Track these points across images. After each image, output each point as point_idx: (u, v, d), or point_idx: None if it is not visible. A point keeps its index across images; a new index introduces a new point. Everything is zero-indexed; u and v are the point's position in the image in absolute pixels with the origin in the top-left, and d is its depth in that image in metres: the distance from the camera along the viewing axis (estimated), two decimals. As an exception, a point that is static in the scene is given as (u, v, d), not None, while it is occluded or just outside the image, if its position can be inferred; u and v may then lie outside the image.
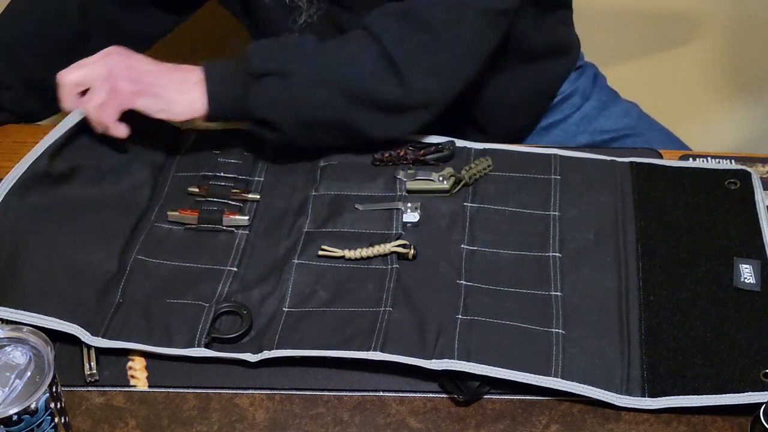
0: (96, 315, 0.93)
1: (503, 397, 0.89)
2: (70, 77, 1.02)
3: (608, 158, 1.10)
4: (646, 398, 0.87)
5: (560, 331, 0.91)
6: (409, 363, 0.88)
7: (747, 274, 0.96)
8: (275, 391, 0.89)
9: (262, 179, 1.09)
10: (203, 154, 1.11)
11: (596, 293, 0.95)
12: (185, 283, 0.97)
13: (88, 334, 0.91)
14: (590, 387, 0.87)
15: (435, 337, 0.90)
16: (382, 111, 1.04)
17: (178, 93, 1.02)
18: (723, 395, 0.86)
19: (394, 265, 0.98)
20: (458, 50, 1.05)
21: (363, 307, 0.94)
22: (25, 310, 0.91)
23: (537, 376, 0.87)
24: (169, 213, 1.04)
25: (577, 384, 0.87)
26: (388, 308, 0.93)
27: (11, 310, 0.91)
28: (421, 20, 1.03)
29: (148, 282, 0.97)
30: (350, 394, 0.89)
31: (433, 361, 0.88)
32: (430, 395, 0.89)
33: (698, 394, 0.86)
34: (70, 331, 0.90)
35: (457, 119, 1.15)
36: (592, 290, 0.95)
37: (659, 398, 0.87)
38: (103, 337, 0.91)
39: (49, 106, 1.17)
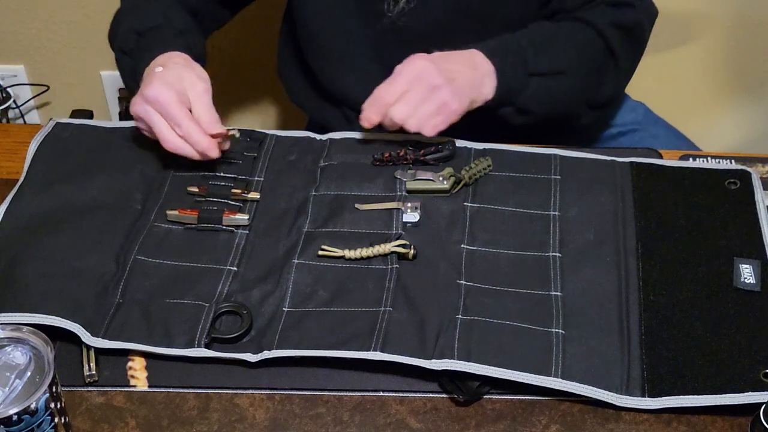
0: (96, 315, 0.92)
1: (503, 397, 0.89)
2: (400, 113, 1.05)
3: (608, 158, 1.10)
4: (646, 398, 0.87)
5: (560, 331, 0.91)
6: (409, 363, 0.88)
7: (747, 274, 0.96)
8: (275, 391, 0.89)
9: (262, 179, 1.09)
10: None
11: (596, 293, 0.95)
12: (185, 282, 0.97)
13: (88, 334, 0.91)
14: (590, 387, 0.87)
15: (435, 337, 0.90)
16: (595, 108, 1.19)
17: (479, 90, 1.10)
18: (723, 395, 0.86)
19: (394, 265, 0.97)
20: (644, 48, 1.21)
21: (363, 307, 0.94)
22: (26, 312, 0.91)
23: (537, 376, 0.87)
24: (168, 212, 1.04)
25: (577, 384, 0.87)
26: (388, 308, 0.93)
27: (12, 314, 0.91)
28: (631, 26, 1.16)
29: (147, 282, 0.97)
30: (350, 394, 0.89)
31: (433, 361, 0.88)
32: (430, 395, 0.89)
33: (698, 394, 0.86)
34: (71, 329, 0.90)
35: (527, 128, 1.20)
36: (592, 290, 0.95)
37: (659, 398, 0.87)
38: (103, 337, 0.91)
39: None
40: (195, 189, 1.07)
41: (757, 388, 0.86)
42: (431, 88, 1.04)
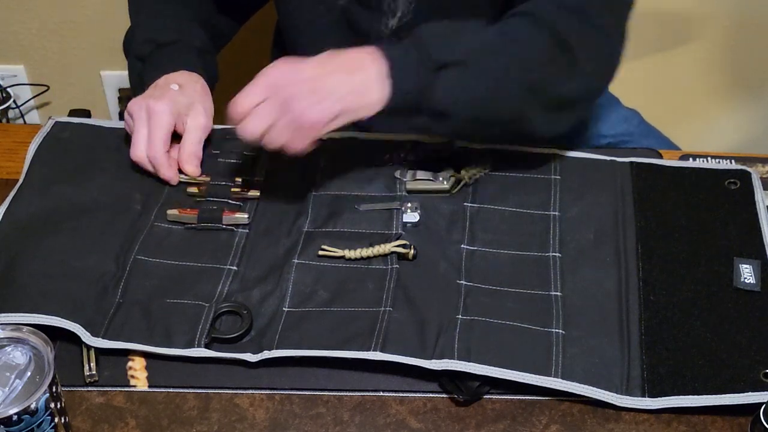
0: (96, 315, 0.92)
1: (503, 397, 0.89)
2: (251, 128, 0.94)
3: (608, 158, 1.10)
4: (646, 398, 0.87)
5: (560, 331, 0.91)
6: (409, 363, 0.88)
7: (747, 274, 0.96)
8: (275, 391, 0.89)
9: (262, 179, 1.09)
10: (203, 154, 1.11)
11: (596, 293, 0.95)
12: (185, 282, 0.97)
13: (89, 334, 0.91)
14: (590, 387, 0.87)
15: (435, 337, 0.90)
16: (554, 105, 1.01)
17: (363, 98, 0.95)
18: (723, 395, 0.86)
19: (394, 265, 0.97)
20: (615, 42, 1.03)
21: (363, 307, 0.94)
22: (25, 312, 0.91)
23: (537, 376, 0.87)
24: (168, 212, 1.04)
25: (577, 384, 0.87)
26: (388, 308, 0.93)
27: (12, 314, 0.91)
28: (584, 11, 1.00)
29: (148, 282, 0.97)
30: (350, 394, 0.89)
31: (433, 361, 0.88)
32: (430, 395, 0.89)
33: (698, 394, 0.86)
34: (71, 329, 0.90)
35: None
36: (592, 290, 0.95)
37: (659, 398, 0.87)
38: (103, 337, 0.91)
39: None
40: (195, 190, 1.07)
41: (757, 388, 0.86)
42: (285, 100, 0.92)
